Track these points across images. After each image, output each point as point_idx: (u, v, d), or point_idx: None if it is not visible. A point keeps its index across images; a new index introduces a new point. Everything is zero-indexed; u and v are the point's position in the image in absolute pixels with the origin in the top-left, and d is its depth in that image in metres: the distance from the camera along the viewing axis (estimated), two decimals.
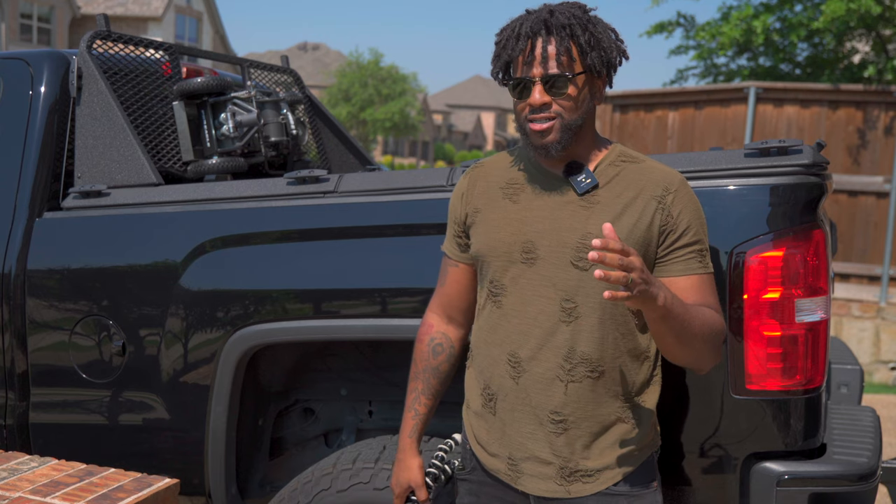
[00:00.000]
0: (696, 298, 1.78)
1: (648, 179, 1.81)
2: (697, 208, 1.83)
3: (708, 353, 1.77)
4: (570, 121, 1.78)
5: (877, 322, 7.97)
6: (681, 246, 1.79)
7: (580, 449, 1.82)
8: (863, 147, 8.86)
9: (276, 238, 2.50)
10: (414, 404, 2.08)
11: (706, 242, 1.83)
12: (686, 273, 1.79)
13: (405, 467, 2.06)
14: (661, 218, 1.78)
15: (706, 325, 1.73)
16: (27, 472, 2.18)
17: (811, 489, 2.06)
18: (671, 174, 1.83)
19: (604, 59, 1.79)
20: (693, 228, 1.80)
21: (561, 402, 1.81)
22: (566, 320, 1.79)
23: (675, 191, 1.80)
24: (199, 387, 2.55)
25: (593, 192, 1.81)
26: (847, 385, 3.22)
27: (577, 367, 1.79)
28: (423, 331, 2.08)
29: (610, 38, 1.80)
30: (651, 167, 1.84)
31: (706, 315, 1.75)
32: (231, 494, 2.58)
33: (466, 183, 1.98)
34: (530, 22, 1.78)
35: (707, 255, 1.83)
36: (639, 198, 1.79)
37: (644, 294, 1.56)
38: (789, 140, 2.13)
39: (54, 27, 30.27)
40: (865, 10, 9.69)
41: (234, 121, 3.23)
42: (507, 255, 1.84)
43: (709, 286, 1.82)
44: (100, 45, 3.01)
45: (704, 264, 1.81)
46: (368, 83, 41.87)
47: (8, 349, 2.76)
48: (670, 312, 1.63)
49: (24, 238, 2.76)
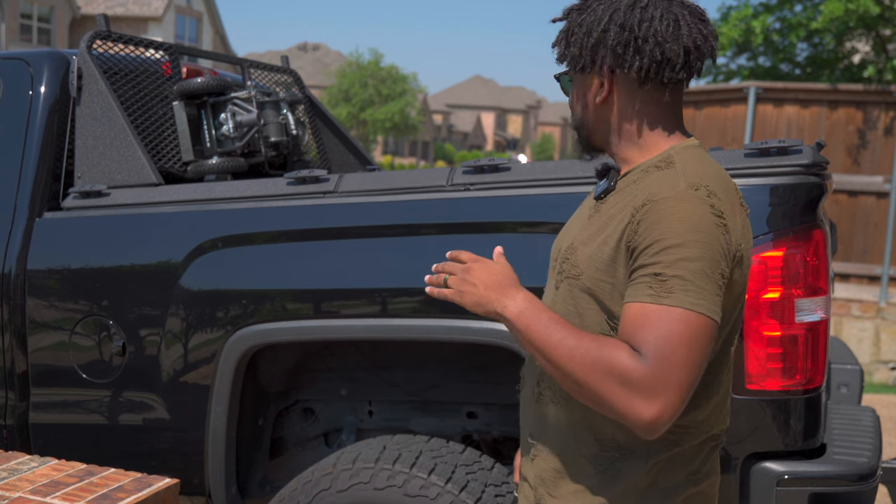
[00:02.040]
0: (625, 332, 1.40)
1: (643, 188, 1.48)
2: (687, 228, 1.39)
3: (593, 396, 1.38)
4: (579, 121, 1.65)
5: (877, 322, 7.97)
6: (636, 267, 1.42)
7: (548, 483, 1.59)
8: (863, 147, 8.85)
9: (276, 238, 2.50)
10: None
11: (680, 270, 1.37)
12: (628, 300, 1.41)
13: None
14: (627, 233, 1.45)
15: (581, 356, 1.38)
16: (27, 472, 2.18)
17: (811, 489, 2.06)
18: (671, 183, 1.45)
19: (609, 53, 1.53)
20: (658, 247, 1.39)
21: (533, 428, 1.64)
22: None
23: (657, 201, 1.42)
24: (199, 387, 2.55)
25: (605, 199, 1.58)
26: (847, 385, 3.22)
27: (545, 390, 1.60)
28: None
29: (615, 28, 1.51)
30: (654, 181, 1.48)
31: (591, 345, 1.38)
32: (231, 494, 2.58)
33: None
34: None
35: (672, 284, 1.36)
36: (622, 211, 1.49)
37: (465, 296, 1.51)
38: (789, 140, 2.13)
39: (54, 27, 30.26)
40: (864, 11, 9.70)
41: (234, 121, 3.23)
42: (552, 260, 1.72)
43: (651, 320, 1.36)
44: (100, 45, 3.01)
45: (657, 293, 1.37)
46: (368, 83, 41.88)
47: (8, 349, 2.76)
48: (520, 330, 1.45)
49: (24, 238, 2.76)
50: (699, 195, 1.43)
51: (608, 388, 1.36)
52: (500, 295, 1.49)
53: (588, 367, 1.37)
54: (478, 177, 2.40)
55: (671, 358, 1.35)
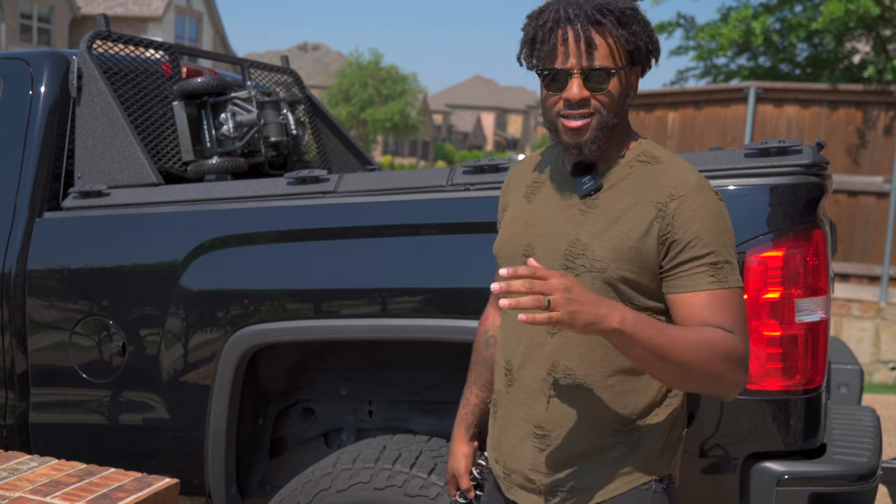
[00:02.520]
0: (705, 317, 1.58)
1: (654, 183, 1.63)
2: (714, 216, 1.61)
3: (712, 378, 1.55)
4: (607, 118, 1.63)
5: (877, 322, 7.97)
6: (686, 259, 1.59)
7: (563, 466, 1.70)
8: (863, 147, 8.86)
9: (276, 238, 2.50)
10: (466, 394, 2.04)
11: (726, 254, 1.60)
12: (692, 289, 1.59)
13: (453, 455, 2.03)
14: (659, 227, 1.60)
15: (700, 348, 1.52)
16: (27, 472, 2.18)
17: (811, 489, 2.06)
18: (684, 178, 1.62)
19: (645, 54, 1.66)
20: (703, 239, 1.58)
21: (544, 417, 1.71)
22: (551, 332, 1.69)
23: (683, 196, 1.60)
24: (199, 387, 2.55)
25: (596, 195, 1.67)
26: (847, 385, 3.22)
27: (560, 381, 1.68)
28: (480, 324, 2.04)
29: (650, 32, 1.66)
30: (664, 169, 1.64)
31: (702, 336, 1.54)
32: (231, 494, 2.58)
33: (507, 179, 1.92)
34: (572, 7, 1.60)
35: (726, 269, 1.60)
36: (638, 204, 1.62)
37: (577, 316, 1.41)
38: (789, 140, 2.13)
39: (54, 27, 30.26)
40: (864, 11, 9.70)
41: (234, 121, 3.23)
42: (510, 256, 1.78)
43: (724, 303, 1.58)
44: (100, 45, 3.01)
45: (720, 279, 1.59)
46: (368, 83, 41.87)
47: (8, 349, 2.76)
48: (635, 337, 1.46)
49: (24, 238, 2.76)
50: (708, 184, 1.65)
51: (726, 368, 1.55)
52: (609, 309, 1.46)
53: (708, 355, 1.52)
54: (478, 177, 2.40)
55: (745, 330, 1.62)
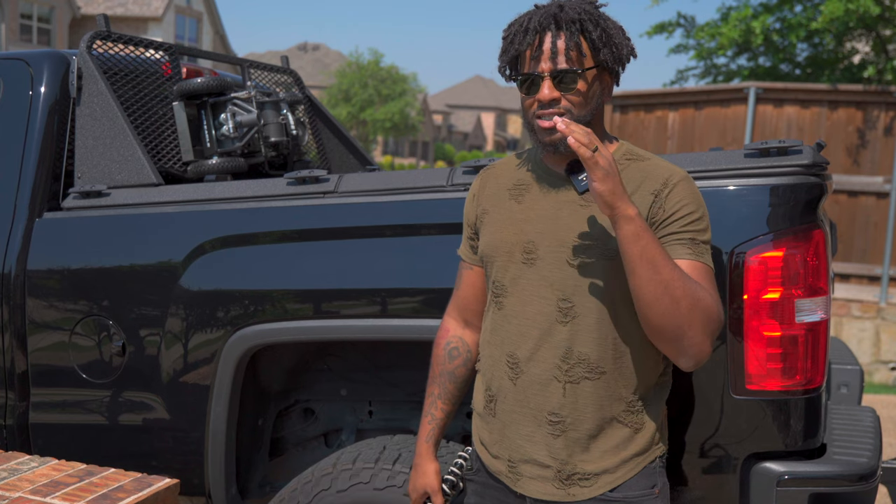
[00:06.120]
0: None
1: (649, 175, 1.78)
2: (697, 203, 1.76)
3: (685, 320, 1.64)
4: (578, 117, 1.76)
5: (877, 322, 7.97)
6: (668, 233, 1.74)
7: (578, 451, 1.80)
8: (863, 147, 8.86)
9: (276, 238, 2.50)
10: (430, 409, 2.05)
11: (703, 236, 1.76)
12: (676, 257, 1.72)
13: (422, 472, 2.04)
14: (653, 211, 1.75)
15: (689, 284, 1.64)
16: (27, 472, 2.18)
17: (811, 489, 2.06)
18: (674, 170, 1.79)
19: (614, 55, 1.78)
20: (685, 219, 1.74)
21: (559, 404, 1.79)
22: (563, 320, 1.78)
23: (675, 184, 1.76)
24: (199, 387, 2.55)
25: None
26: (847, 385, 3.22)
27: (574, 367, 1.78)
28: (440, 335, 2.07)
29: (620, 35, 1.79)
30: (656, 165, 1.81)
31: (691, 281, 1.66)
32: (231, 494, 2.58)
33: (478, 184, 1.98)
34: (539, 16, 1.76)
35: (701, 247, 1.74)
36: (636, 194, 1.76)
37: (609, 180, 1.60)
38: (789, 140, 2.13)
39: (54, 27, 30.26)
40: (864, 11, 9.70)
41: (234, 121, 3.23)
42: (508, 255, 1.84)
43: (703, 275, 1.72)
44: (100, 46, 3.01)
45: (697, 252, 1.73)
46: (368, 83, 41.87)
47: (8, 349, 2.76)
48: (642, 233, 1.61)
49: (24, 238, 2.76)
50: (691, 177, 1.82)
51: (699, 319, 1.65)
52: (630, 201, 1.63)
53: (691, 293, 1.64)
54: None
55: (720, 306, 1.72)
